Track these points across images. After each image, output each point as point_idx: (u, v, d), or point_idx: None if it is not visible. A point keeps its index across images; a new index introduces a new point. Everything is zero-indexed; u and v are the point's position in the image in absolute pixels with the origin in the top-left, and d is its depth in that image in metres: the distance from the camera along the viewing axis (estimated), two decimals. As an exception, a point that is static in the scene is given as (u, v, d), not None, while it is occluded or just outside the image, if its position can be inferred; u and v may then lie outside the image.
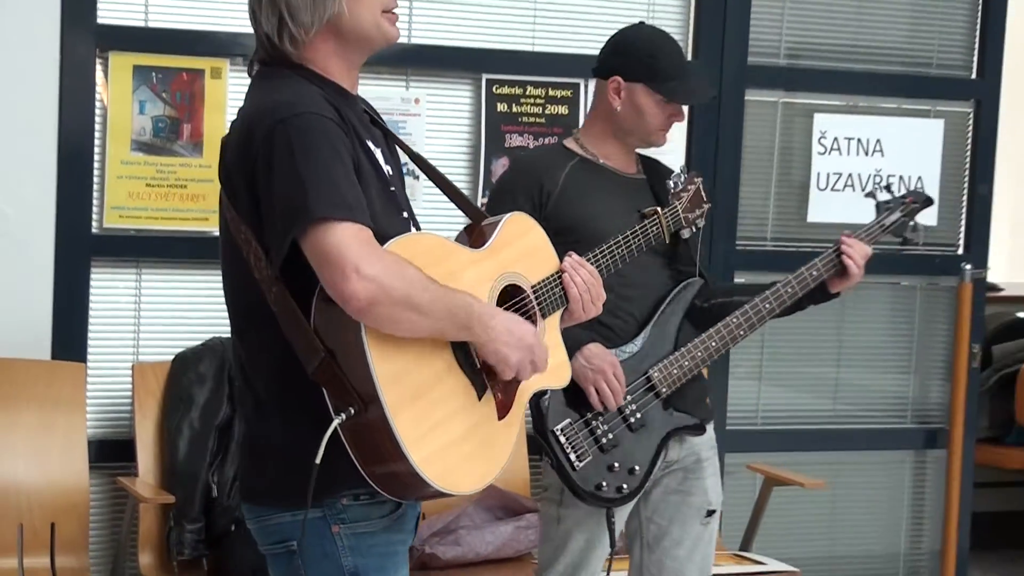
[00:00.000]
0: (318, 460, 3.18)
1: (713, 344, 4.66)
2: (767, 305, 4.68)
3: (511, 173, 4.50)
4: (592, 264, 3.94)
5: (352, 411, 3.19)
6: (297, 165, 3.19)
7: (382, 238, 3.24)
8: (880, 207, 4.96)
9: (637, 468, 4.47)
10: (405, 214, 3.51)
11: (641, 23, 4.87)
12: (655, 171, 4.84)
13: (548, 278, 3.73)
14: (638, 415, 4.41)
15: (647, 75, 4.60)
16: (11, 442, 5.41)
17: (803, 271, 4.70)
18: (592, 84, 4.85)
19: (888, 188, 5.11)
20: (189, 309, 5.83)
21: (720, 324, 4.67)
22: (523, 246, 3.70)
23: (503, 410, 3.54)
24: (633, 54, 4.64)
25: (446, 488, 3.33)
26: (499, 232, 3.61)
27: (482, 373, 3.47)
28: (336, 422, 3.19)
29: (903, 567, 6.90)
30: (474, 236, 3.65)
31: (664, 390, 4.49)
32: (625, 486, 4.45)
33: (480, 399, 3.45)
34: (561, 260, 3.77)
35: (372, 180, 3.38)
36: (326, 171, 3.21)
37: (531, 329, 3.50)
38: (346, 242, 3.13)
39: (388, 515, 3.44)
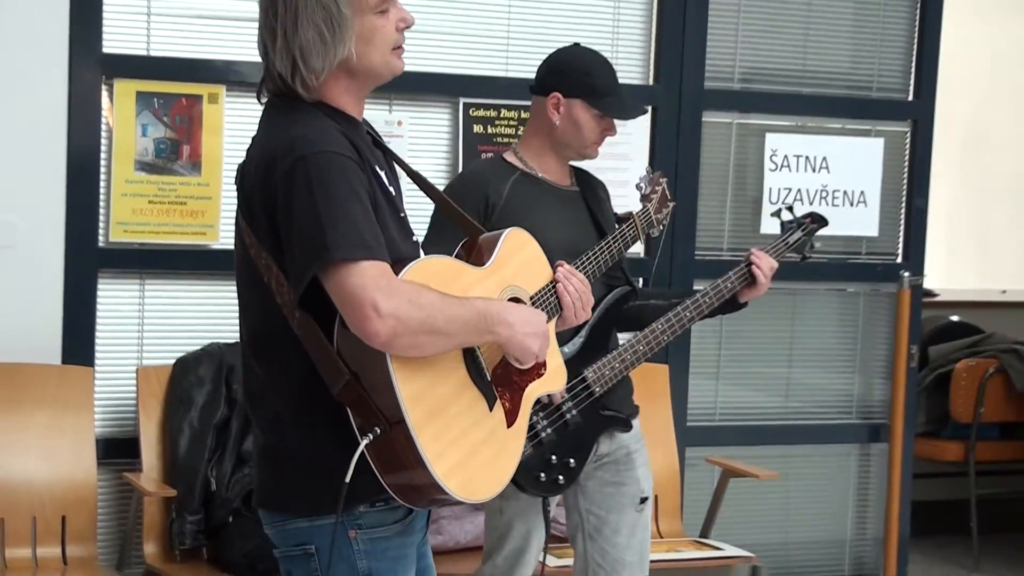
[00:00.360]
0: (348, 479, 3.19)
1: (641, 348, 4.73)
2: (688, 313, 4.76)
3: (458, 185, 4.52)
4: (580, 271, 3.96)
5: (377, 431, 3.19)
6: (317, 203, 3.20)
7: (400, 262, 3.26)
8: (784, 226, 5.03)
9: (572, 462, 4.54)
10: (415, 237, 3.53)
11: (576, 44, 4.91)
12: (587, 183, 4.90)
13: (544, 288, 3.78)
14: (574, 412, 4.44)
15: (585, 91, 4.65)
16: (24, 441, 5.41)
17: (719, 283, 4.79)
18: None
19: (791, 209, 5.17)
20: (189, 317, 5.82)
21: (647, 330, 4.73)
22: (521, 259, 3.72)
23: (511, 417, 3.57)
24: (571, 72, 4.69)
25: (465, 498, 3.36)
26: (499, 249, 3.62)
27: (492, 384, 3.49)
28: (364, 443, 3.19)
29: (849, 552, 6.92)
30: (474, 252, 3.66)
31: (598, 389, 4.52)
32: (561, 478, 4.52)
33: (491, 410, 3.47)
34: (553, 270, 3.80)
35: (386, 209, 3.38)
36: (344, 210, 3.21)
37: (543, 315, 3.64)
38: (364, 282, 3.15)
39: (401, 520, 3.46)
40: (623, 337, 4.78)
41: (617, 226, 4.69)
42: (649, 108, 6.36)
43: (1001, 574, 7.99)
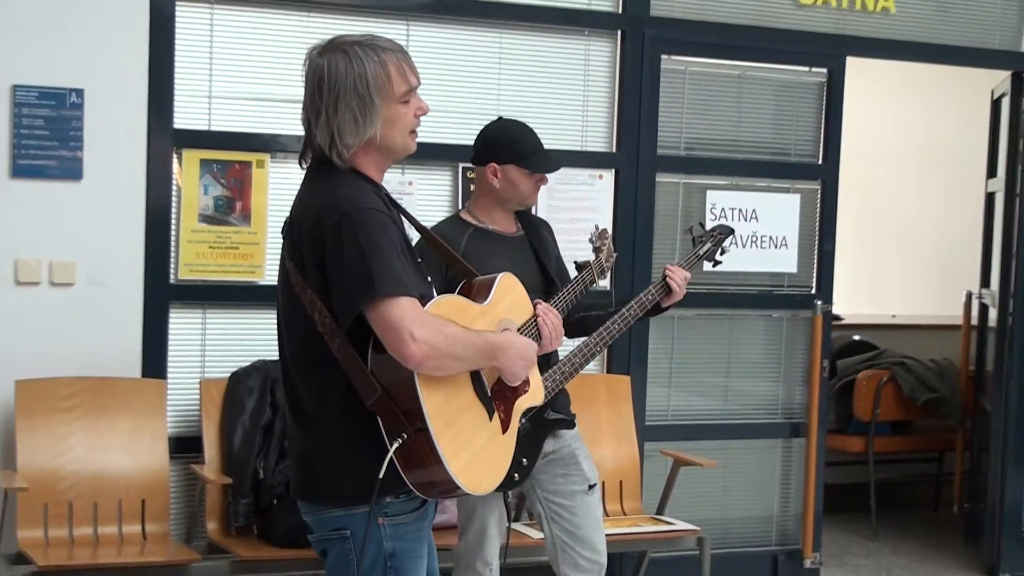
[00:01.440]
0: (381, 475, 3.25)
1: (578, 360, 4.74)
2: (616, 326, 4.74)
3: (422, 242, 4.51)
4: (555, 308, 4.08)
5: (404, 437, 3.24)
6: (363, 250, 3.25)
7: (421, 299, 3.31)
8: (695, 240, 5.04)
9: (525, 460, 4.52)
10: (429, 278, 3.55)
11: (500, 118, 4.91)
12: (531, 225, 4.91)
13: (528, 321, 3.88)
14: (523, 421, 4.34)
15: (514, 157, 4.67)
16: (111, 440, 5.39)
17: (642, 296, 4.81)
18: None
19: (702, 225, 5.22)
20: (240, 339, 5.77)
21: (582, 343, 4.73)
22: (510, 299, 3.79)
23: (505, 425, 3.65)
24: (501, 143, 4.71)
25: (472, 491, 3.46)
26: (495, 290, 3.71)
27: (491, 399, 3.56)
28: (394, 447, 3.26)
29: (775, 526, 6.88)
30: (473, 291, 3.73)
31: (547, 396, 4.41)
32: (517, 475, 4.49)
33: (491, 419, 3.54)
34: (534, 307, 3.92)
35: (407, 256, 3.41)
36: (384, 255, 3.27)
37: (534, 345, 3.66)
38: (402, 314, 3.23)
39: (418, 508, 3.50)
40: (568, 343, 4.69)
41: (578, 272, 4.70)
42: (608, 170, 6.39)
43: (894, 542, 7.94)
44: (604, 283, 5.54)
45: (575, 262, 4.79)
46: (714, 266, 5.10)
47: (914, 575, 7.33)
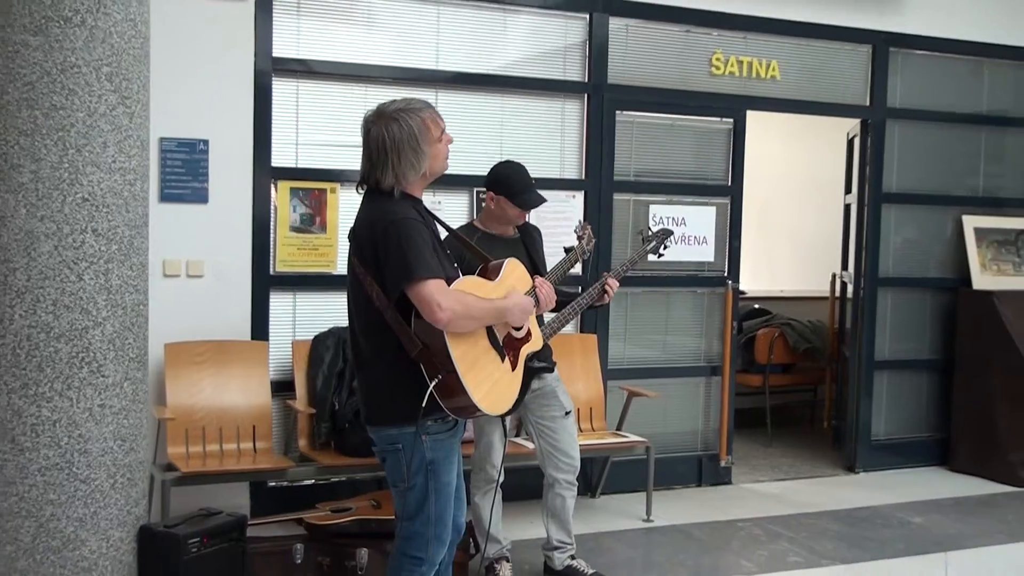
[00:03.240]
0: (424, 404, 3.37)
1: (554, 326, 4.74)
2: (572, 310, 4.77)
3: (449, 237, 4.42)
4: (548, 281, 4.05)
5: (440, 377, 3.34)
6: (403, 247, 3.39)
7: (449, 280, 3.42)
8: (645, 240, 5.03)
9: (518, 396, 4.49)
10: (456, 265, 3.67)
11: (507, 160, 4.85)
12: (525, 231, 4.87)
13: (529, 290, 3.83)
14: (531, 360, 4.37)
15: (507, 192, 4.68)
16: (230, 384, 5.35)
17: (591, 289, 4.82)
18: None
19: (650, 229, 5.24)
20: (320, 312, 5.70)
21: (554, 317, 4.70)
22: (516, 276, 3.84)
23: (513, 365, 3.73)
24: (499, 180, 4.73)
25: (491, 413, 3.60)
26: (504, 270, 3.76)
27: (502, 347, 3.66)
28: (432, 384, 3.38)
29: (700, 438, 6.82)
30: (488, 272, 3.75)
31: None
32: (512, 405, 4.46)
33: (503, 361, 3.59)
34: (533, 280, 3.91)
35: (439, 250, 3.54)
36: (418, 251, 3.44)
37: (531, 301, 3.76)
38: (431, 290, 3.34)
39: (451, 428, 3.65)
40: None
41: (566, 254, 4.68)
42: (579, 192, 6.33)
43: (783, 448, 7.88)
44: (578, 269, 5.52)
45: (564, 247, 4.80)
46: (658, 257, 5.11)
47: (797, 471, 7.27)
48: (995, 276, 7.49)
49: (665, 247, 5.04)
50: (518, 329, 3.72)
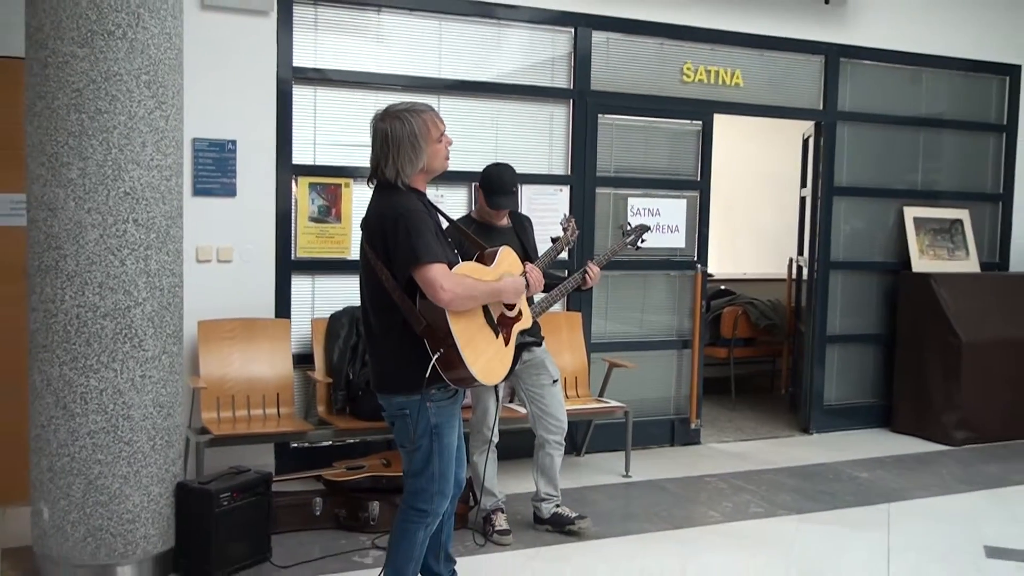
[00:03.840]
0: (427, 375, 3.35)
1: (543, 305, 4.75)
2: (558, 292, 4.74)
3: (450, 227, 4.41)
4: (537, 267, 4.02)
5: (441, 351, 3.32)
6: (411, 235, 3.37)
7: (450, 264, 3.40)
8: (625, 233, 4.96)
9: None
10: (456, 251, 3.64)
11: (497, 162, 4.83)
12: (517, 220, 4.84)
13: (520, 274, 3.79)
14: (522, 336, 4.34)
15: (485, 190, 4.70)
16: (256, 356, 5.32)
17: (575, 275, 4.73)
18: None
19: (629, 223, 5.18)
20: (335, 293, 5.67)
21: (542, 297, 4.70)
22: (509, 262, 3.79)
23: (506, 341, 3.69)
24: (483, 181, 4.74)
25: (486, 383, 3.55)
26: (498, 257, 3.72)
27: (497, 325, 3.64)
28: (435, 357, 3.37)
29: (672, 403, 6.81)
30: (484, 258, 3.70)
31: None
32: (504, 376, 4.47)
33: (497, 337, 3.58)
34: (523, 266, 3.88)
35: (442, 238, 3.52)
36: (424, 239, 3.42)
37: (523, 282, 3.74)
38: (435, 273, 3.33)
39: (452, 396, 3.62)
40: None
41: (552, 243, 4.65)
42: (565, 186, 6.29)
43: (745, 412, 7.88)
44: (564, 256, 5.51)
45: (551, 237, 4.78)
46: (636, 250, 5.06)
47: (758, 432, 7.27)
48: (932, 260, 7.51)
49: (642, 240, 5.00)
50: (511, 308, 3.70)
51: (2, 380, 5.02)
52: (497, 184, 4.68)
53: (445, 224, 3.77)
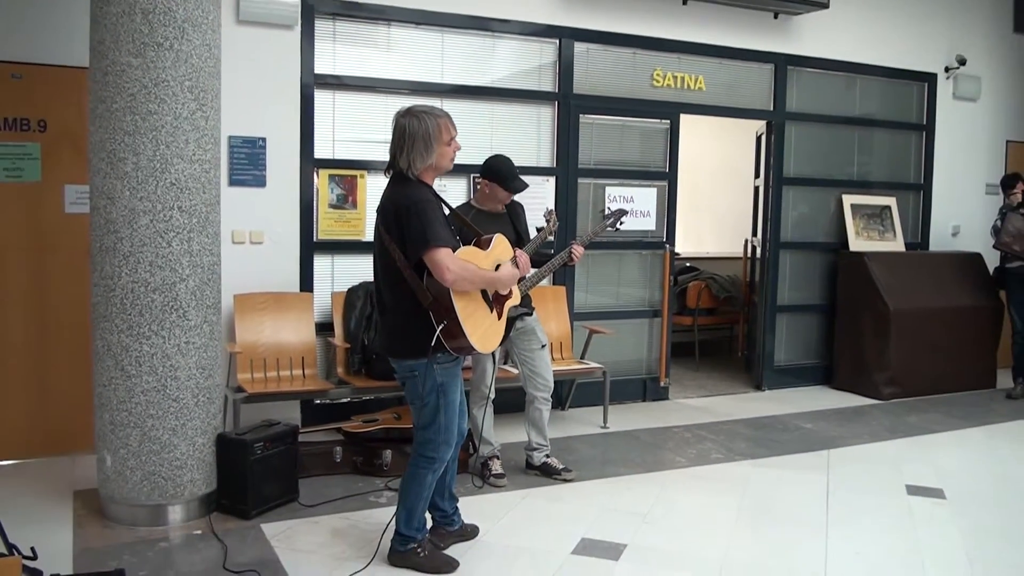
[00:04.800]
0: (433, 343, 3.34)
1: (533, 280, 4.69)
2: (546, 269, 4.70)
3: (451, 215, 4.38)
4: (526, 253, 4.01)
5: (445, 323, 3.30)
6: (423, 221, 3.30)
7: (454, 249, 3.36)
8: (604, 217, 4.94)
9: (503, 335, 4.49)
10: (458, 238, 3.58)
11: (497, 154, 4.73)
12: (511, 207, 4.74)
13: (511, 259, 3.77)
14: (513, 311, 4.34)
15: (498, 180, 4.59)
16: (284, 325, 5.33)
17: (559, 255, 4.69)
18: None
19: (609, 207, 5.16)
20: (351, 270, 5.69)
21: (532, 273, 4.65)
22: (501, 248, 3.75)
23: (499, 316, 3.68)
24: (491, 169, 4.63)
25: (482, 351, 3.53)
26: (493, 243, 3.69)
27: (492, 303, 3.62)
28: (440, 328, 3.31)
29: (644, 364, 6.84)
30: (481, 244, 3.66)
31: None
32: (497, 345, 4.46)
33: (492, 312, 3.56)
34: (514, 251, 3.86)
35: (447, 226, 3.46)
36: (433, 226, 3.37)
37: (517, 273, 3.71)
38: (442, 257, 3.30)
39: (454, 360, 3.59)
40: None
41: (537, 232, 4.63)
42: (551, 177, 6.32)
43: (708, 371, 7.92)
44: (551, 239, 5.54)
45: (536, 228, 4.75)
46: (615, 231, 5.03)
47: (718, 389, 7.31)
48: (866, 241, 7.55)
49: (621, 223, 4.98)
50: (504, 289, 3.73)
51: (71, 346, 5.06)
52: (509, 172, 4.62)
53: (449, 214, 3.78)
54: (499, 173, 4.63)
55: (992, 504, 4.71)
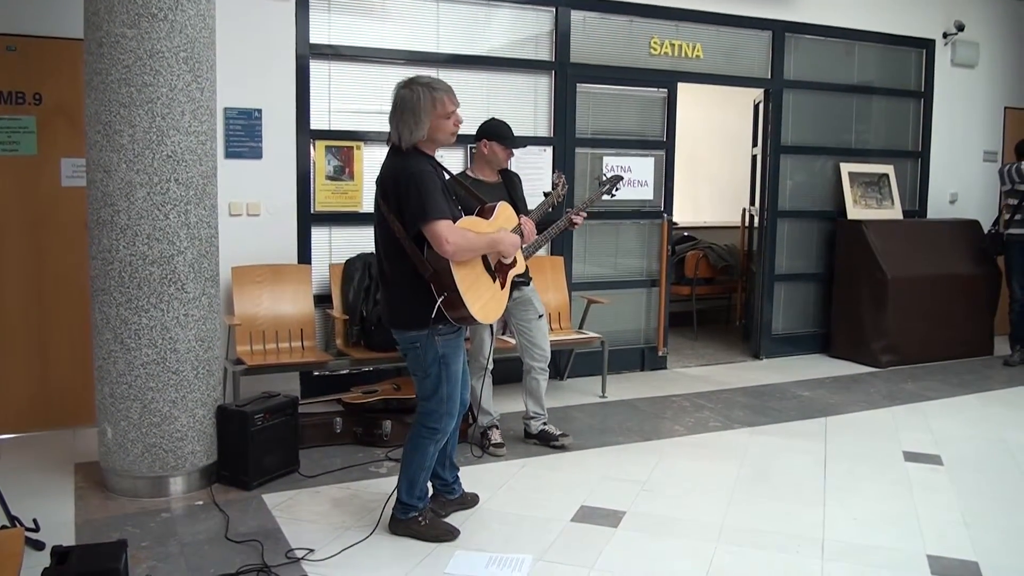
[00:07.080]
0: (433, 315, 3.34)
1: (532, 248, 4.68)
2: (547, 235, 4.73)
3: (451, 182, 4.40)
4: (531, 219, 4.04)
5: (446, 294, 3.29)
6: (421, 194, 3.27)
7: (454, 219, 3.35)
8: (601, 184, 4.97)
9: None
10: (460, 208, 3.56)
11: (492, 118, 4.76)
12: (507, 176, 4.75)
13: (515, 227, 3.78)
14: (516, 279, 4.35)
15: (497, 138, 4.61)
16: (282, 297, 5.32)
17: (561, 220, 4.74)
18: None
19: (604, 174, 5.17)
20: (349, 242, 5.68)
21: (533, 241, 4.65)
22: (505, 216, 3.76)
23: (502, 285, 3.67)
24: (491, 130, 4.65)
25: (483, 321, 3.51)
26: (496, 211, 3.70)
27: (494, 272, 3.61)
28: (440, 299, 3.30)
29: (643, 334, 6.86)
30: (484, 212, 3.68)
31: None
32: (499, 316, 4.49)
33: (494, 282, 3.56)
34: (519, 219, 3.87)
35: (447, 195, 3.44)
36: (432, 197, 3.35)
37: (518, 239, 3.68)
38: (441, 228, 3.28)
39: (456, 331, 3.59)
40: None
41: (545, 197, 4.65)
42: (549, 146, 6.29)
43: (706, 340, 7.94)
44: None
45: (543, 192, 4.78)
46: (611, 197, 5.06)
47: (716, 358, 7.34)
48: (863, 209, 7.55)
49: (617, 189, 4.99)
50: (507, 256, 3.72)
51: (70, 320, 5.06)
52: (508, 131, 4.64)
53: (449, 180, 3.77)
54: (499, 131, 4.62)
55: (988, 470, 4.75)
